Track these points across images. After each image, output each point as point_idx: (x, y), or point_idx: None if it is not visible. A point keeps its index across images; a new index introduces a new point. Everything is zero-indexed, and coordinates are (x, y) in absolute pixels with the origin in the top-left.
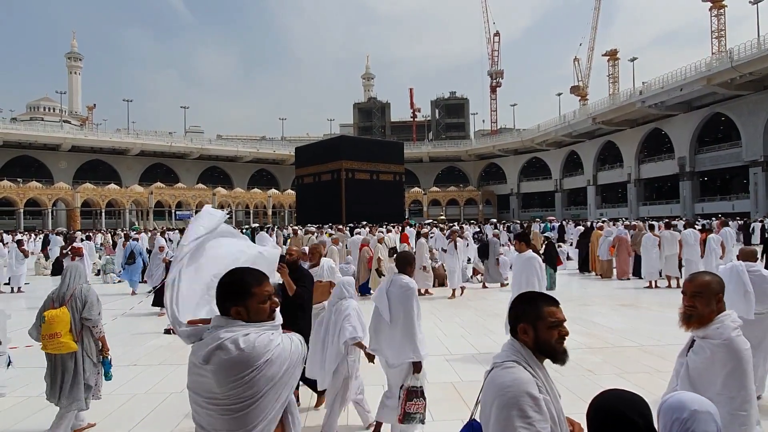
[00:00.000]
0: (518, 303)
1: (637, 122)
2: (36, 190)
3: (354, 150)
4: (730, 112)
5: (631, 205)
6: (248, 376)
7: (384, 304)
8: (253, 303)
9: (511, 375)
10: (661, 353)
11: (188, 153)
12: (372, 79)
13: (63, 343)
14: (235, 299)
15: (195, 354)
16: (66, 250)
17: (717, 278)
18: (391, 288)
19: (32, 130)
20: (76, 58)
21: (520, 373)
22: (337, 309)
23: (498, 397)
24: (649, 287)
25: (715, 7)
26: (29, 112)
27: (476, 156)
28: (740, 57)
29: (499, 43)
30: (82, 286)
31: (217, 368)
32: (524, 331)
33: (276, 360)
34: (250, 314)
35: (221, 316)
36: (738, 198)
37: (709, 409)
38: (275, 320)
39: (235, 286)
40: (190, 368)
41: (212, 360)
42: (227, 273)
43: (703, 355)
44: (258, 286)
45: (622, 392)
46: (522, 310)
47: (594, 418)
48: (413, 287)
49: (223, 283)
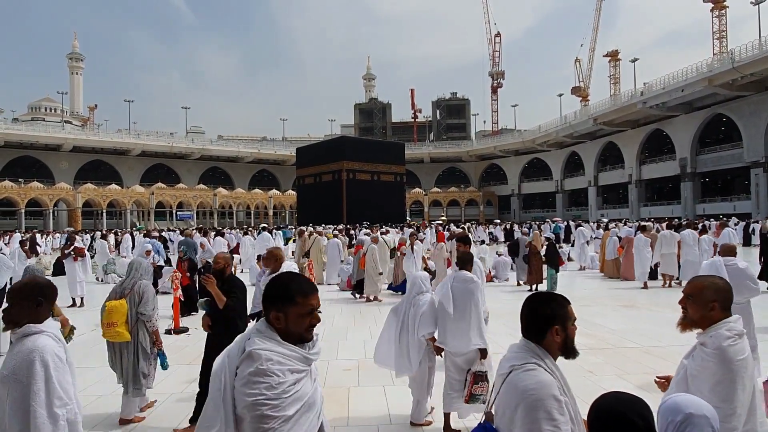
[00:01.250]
0: (547, 304)
1: (639, 123)
2: (37, 191)
3: (355, 151)
4: (732, 113)
5: (632, 206)
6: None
7: (448, 299)
8: (293, 311)
9: (535, 378)
10: (662, 354)
11: (189, 153)
12: (373, 79)
13: (118, 333)
14: (277, 303)
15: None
16: (69, 251)
17: (715, 285)
18: (455, 283)
19: (34, 131)
20: (77, 59)
21: (542, 375)
22: (415, 302)
23: (523, 400)
24: (644, 288)
25: (716, 7)
26: (31, 113)
27: (477, 157)
28: (741, 58)
29: (500, 43)
30: (142, 281)
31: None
32: (557, 332)
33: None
34: (288, 323)
35: (264, 321)
36: (739, 199)
37: (705, 413)
38: (313, 340)
39: (279, 289)
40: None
41: (240, 366)
42: (276, 275)
43: (697, 362)
44: (303, 296)
45: (622, 394)
46: (554, 312)
47: (595, 420)
48: (477, 281)
49: (269, 285)
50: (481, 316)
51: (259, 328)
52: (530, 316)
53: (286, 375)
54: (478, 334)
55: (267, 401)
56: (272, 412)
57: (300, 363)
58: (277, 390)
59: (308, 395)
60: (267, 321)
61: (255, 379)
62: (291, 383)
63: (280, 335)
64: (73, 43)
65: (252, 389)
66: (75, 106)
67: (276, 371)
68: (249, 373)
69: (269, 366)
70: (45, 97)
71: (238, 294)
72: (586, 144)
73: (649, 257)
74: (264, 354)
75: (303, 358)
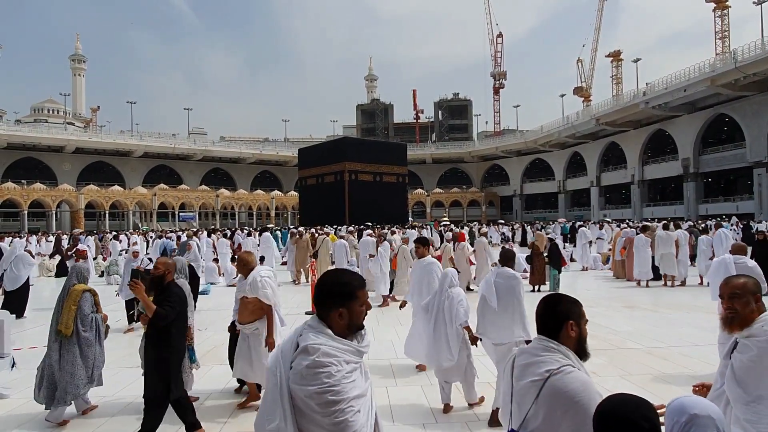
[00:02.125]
0: (563, 302)
1: (641, 123)
2: (40, 192)
3: (357, 151)
4: (734, 113)
5: (634, 207)
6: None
7: (491, 293)
8: (355, 305)
9: (578, 379)
10: (665, 355)
11: (191, 155)
12: (375, 80)
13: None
14: (340, 301)
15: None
16: (71, 252)
17: (753, 279)
18: (497, 279)
19: (36, 132)
20: (80, 60)
21: (583, 376)
22: (449, 295)
23: (574, 404)
24: (638, 286)
25: (718, 7)
26: (33, 114)
27: (479, 157)
28: (744, 58)
29: (502, 44)
30: (179, 280)
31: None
32: (572, 327)
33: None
34: (351, 317)
35: (317, 318)
36: (742, 199)
37: (710, 413)
38: (362, 333)
39: (342, 286)
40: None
41: (295, 360)
42: (331, 273)
43: (749, 353)
44: (361, 289)
45: (627, 396)
46: (569, 309)
47: (600, 423)
48: (519, 277)
49: (328, 282)
50: (524, 310)
51: (311, 324)
52: (546, 313)
53: (342, 365)
54: (522, 326)
55: (330, 387)
56: (337, 396)
57: (353, 356)
58: (336, 377)
59: (363, 387)
60: (320, 318)
61: (314, 371)
62: (348, 371)
63: (334, 331)
64: (76, 45)
65: (313, 381)
66: (77, 107)
67: (333, 361)
68: (306, 366)
69: (325, 359)
70: (48, 98)
71: (172, 303)
72: (589, 144)
73: (649, 257)
74: (319, 347)
75: (355, 351)
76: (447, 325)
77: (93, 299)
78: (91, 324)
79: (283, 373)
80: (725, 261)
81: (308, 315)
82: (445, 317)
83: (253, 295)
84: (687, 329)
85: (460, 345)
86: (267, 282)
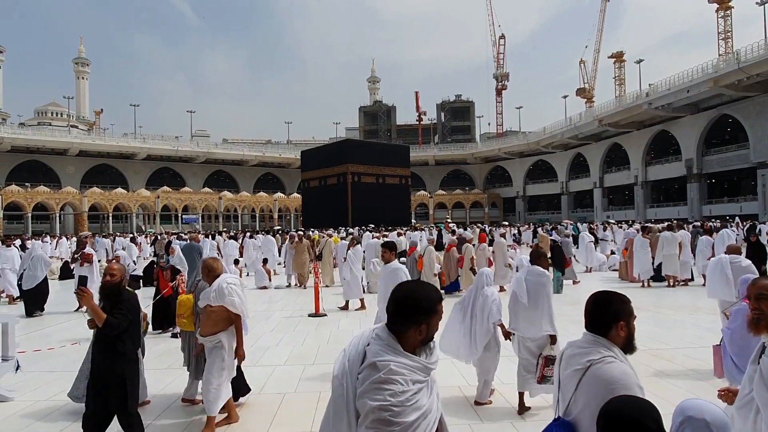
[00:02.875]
0: (614, 302)
1: (644, 124)
2: (44, 195)
3: (360, 153)
4: (738, 114)
5: (638, 208)
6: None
7: (522, 290)
8: (435, 319)
9: (618, 368)
10: (669, 357)
11: (194, 157)
12: (378, 82)
13: (184, 323)
14: (423, 317)
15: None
16: (76, 255)
17: None
18: (528, 276)
19: (40, 135)
20: (83, 63)
21: (624, 366)
22: (483, 294)
23: (611, 391)
24: (642, 287)
25: (721, 8)
26: (37, 117)
27: (482, 159)
28: (747, 58)
29: (504, 46)
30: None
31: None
32: (622, 327)
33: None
34: (429, 331)
35: (386, 329)
36: (746, 200)
37: (705, 417)
38: (431, 348)
39: (424, 301)
40: None
41: (362, 373)
42: (408, 288)
43: None
44: (440, 302)
45: (632, 398)
46: (619, 309)
47: (605, 425)
48: (548, 275)
49: (408, 297)
50: (552, 306)
51: (380, 335)
52: (596, 312)
53: (409, 385)
54: (549, 322)
55: (390, 407)
56: (394, 418)
57: (421, 373)
58: (400, 398)
59: (426, 406)
60: (391, 331)
61: (380, 386)
62: (413, 393)
63: (405, 347)
64: (80, 48)
65: (377, 395)
66: (81, 110)
67: (400, 380)
68: (372, 381)
69: (392, 376)
70: (51, 101)
71: (124, 310)
72: (592, 145)
73: (649, 258)
74: (388, 365)
75: (423, 368)
76: (478, 322)
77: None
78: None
79: (350, 383)
80: (721, 261)
81: (311, 317)
82: (477, 314)
83: (218, 304)
84: (691, 330)
85: (487, 342)
86: (233, 289)
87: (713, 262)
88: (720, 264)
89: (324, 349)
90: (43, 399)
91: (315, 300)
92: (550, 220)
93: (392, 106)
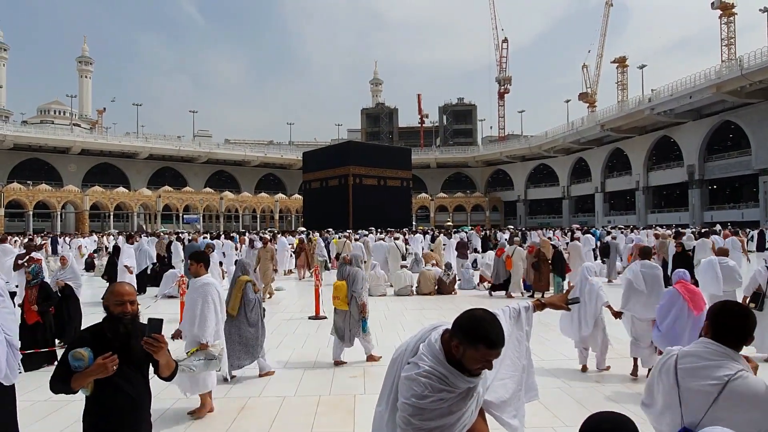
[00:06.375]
0: (751, 317)
1: (646, 129)
2: (45, 193)
3: (361, 155)
4: (740, 120)
5: (639, 213)
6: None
7: (639, 280)
8: (470, 353)
9: (761, 381)
10: None
11: (196, 157)
12: (380, 84)
13: (339, 303)
14: (463, 338)
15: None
16: (21, 261)
17: None
18: (642, 269)
19: (42, 133)
20: (86, 62)
21: (762, 379)
22: (590, 282)
23: (756, 404)
24: None
25: (725, 14)
26: (40, 116)
27: (484, 162)
28: (750, 65)
29: (507, 49)
30: (357, 270)
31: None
32: (749, 341)
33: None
34: (464, 358)
35: (442, 334)
36: (747, 206)
37: None
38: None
39: (473, 325)
40: None
41: (406, 366)
42: (481, 316)
43: None
44: (486, 347)
45: (609, 413)
46: (752, 327)
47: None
48: (659, 267)
49: (470, 318)
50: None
51: (435, 337)
52: (734, 324)
53: (435, 392)
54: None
55: (411, 406)
56: (414, 419)
57: (457, 384)
58: (422, 402)
59: (455, 414)
60: (444, 336)
61: (409, 384)
62: (436, 399)
63: (449, 355)
64: (83, 47)
65: (406, 390)
66: (84, 109)
67: (428, 384)
68: (407, 377)
69: (422, 379)
70: (54, 100)
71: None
72: (593, 150)
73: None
74: (425, 368)
75: (462, 379)
76: (586, 304)
77: (253, 287)
78: (254, 307)
79: (399, 369)
80: (711, 262)
81: (311, 320)
82: (585, 299)
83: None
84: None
85: (594, 321)
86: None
87: (704, 264)
88: (711, 265)
89: (324, 352)
90: (41, 399)
91: (315, 302)
92: (551, 224)
93: (394, 108)
